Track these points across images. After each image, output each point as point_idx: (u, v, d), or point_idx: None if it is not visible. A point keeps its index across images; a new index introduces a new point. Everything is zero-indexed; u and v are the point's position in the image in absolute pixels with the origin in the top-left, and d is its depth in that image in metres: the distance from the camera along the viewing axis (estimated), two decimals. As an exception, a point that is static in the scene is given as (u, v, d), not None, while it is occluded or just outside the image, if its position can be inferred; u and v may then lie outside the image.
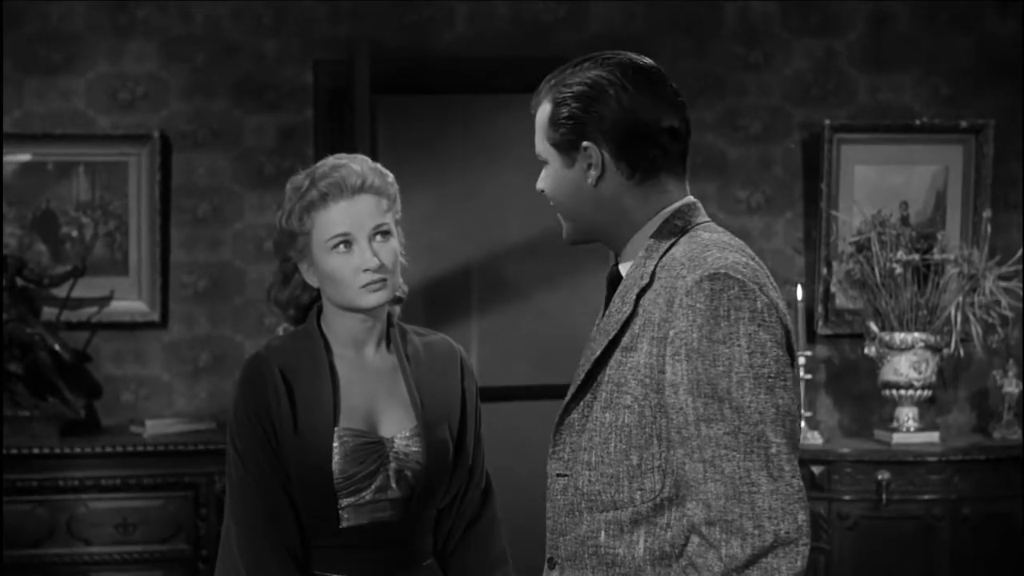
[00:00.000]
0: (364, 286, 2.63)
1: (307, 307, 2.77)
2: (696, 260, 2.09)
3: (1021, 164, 5.24)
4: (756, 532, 1.99)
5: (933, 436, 4.92)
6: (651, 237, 2.17)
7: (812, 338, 5.16)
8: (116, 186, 4.96)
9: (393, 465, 2.63)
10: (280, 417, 2.60)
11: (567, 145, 2.17)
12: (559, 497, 2.20)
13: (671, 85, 2.19)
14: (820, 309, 5.16)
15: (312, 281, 2.69)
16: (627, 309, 2.14)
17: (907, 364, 4.87)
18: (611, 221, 2.19)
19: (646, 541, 2.10)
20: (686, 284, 2.07)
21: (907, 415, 4.93)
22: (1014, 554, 4.72)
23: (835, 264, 5.11)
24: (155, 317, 4.98)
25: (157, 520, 4.51)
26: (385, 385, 2.68)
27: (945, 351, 4.91)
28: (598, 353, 2.16)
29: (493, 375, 6.38)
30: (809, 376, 5.01)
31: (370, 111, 4.47)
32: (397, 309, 2.82)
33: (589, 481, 2.15)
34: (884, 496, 4.71)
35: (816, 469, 4.77)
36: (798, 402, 2.14)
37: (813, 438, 4.91)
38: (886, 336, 4.91)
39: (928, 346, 4.89)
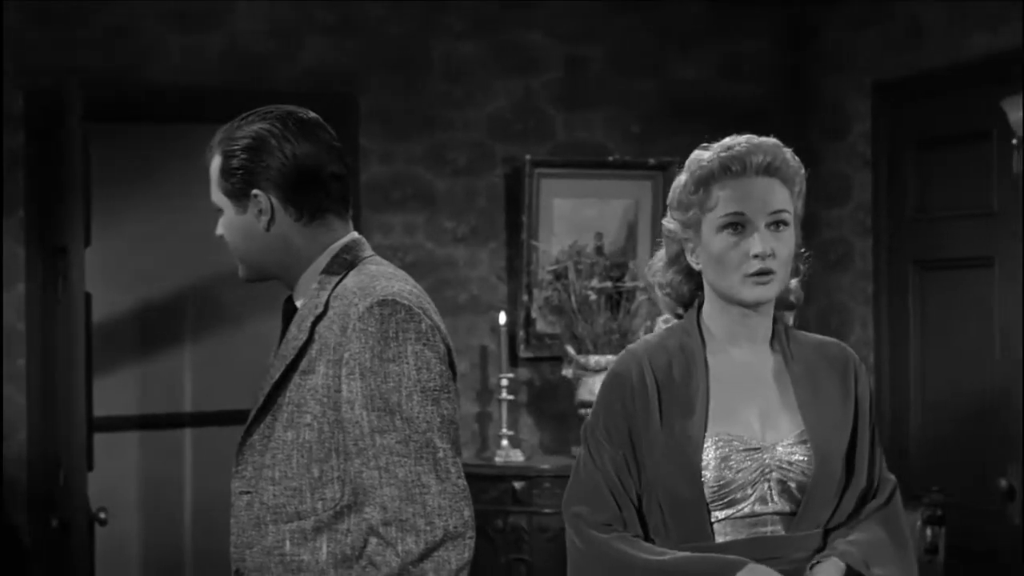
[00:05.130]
0: (751, 275, 2.36)
1: (689, 297, 2.49)
2: (366, 289, 2.31)
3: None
4: (428, 528, 2.22)
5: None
6: (323, 271, 2.38)
7: (514, 361, 5.37)
8: None
9: (775, 475, 2.37)
10: (644, 416, 2.37)
11: (238, 193, 2.37)
12: (243, 513, 2.37)
13: (330, 133, 2.41)
14: (522, 334, 5.38)
15: (695, 264, 2.43)
16: (303, 336, 2.34)
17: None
18: (283, 260, 2.40)
19: (328, 546, 2.30)
20: (358, 310, 2.28)
21: (601, 432, 5.22)
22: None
23: (536, 291, 5.35)
24: None
25: None
26: (766, 386, 2.43)
27: (636, 372, 5.22)
28: (277, 377, 2.35)
29: (207, 400, 6.43)
30: (511, 397, 5.22)
31: (83, 140, 4.49)
32: (790, 317, 2.52)
33: (274, 495, 2.33)
34: (580, 508, 4.97)
35: (518, 485, 4.98)
36: (459, 412, 2.36)
37: (515, 456, 5.12)
38: (582, 359, 5.15)
39: (620, 368, 5.19)
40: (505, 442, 5.16)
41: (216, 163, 2.40)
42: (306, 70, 5.25)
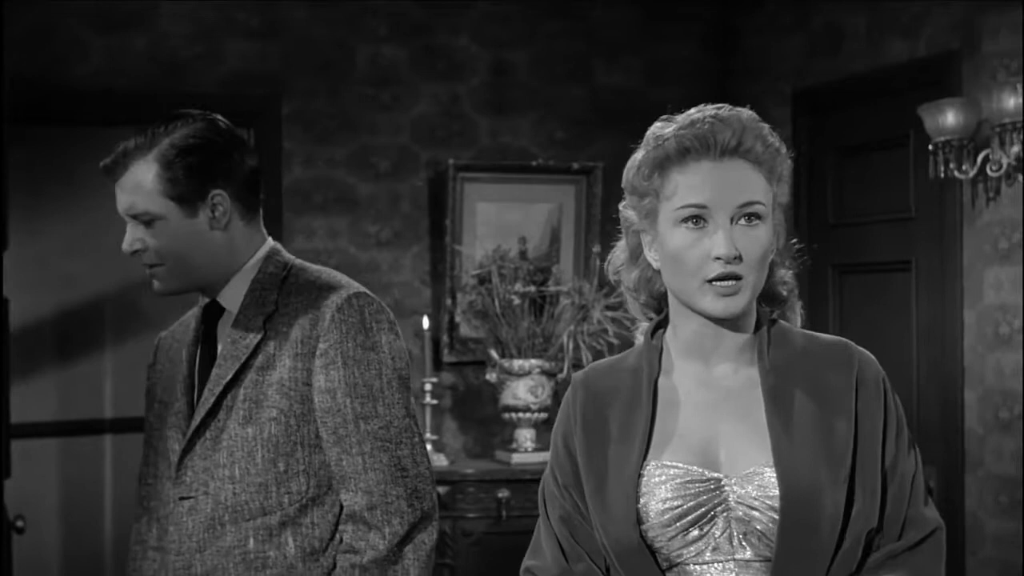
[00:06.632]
0: (712, 281, 1.89)
1: (663, 301, 2.04)
2: (332, 284, 2.37)
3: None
4: (410, 510, 2.30)
5: (549, 455, 5.22)
6: (259, 272, 2.40)
7: (438, 365, 5.38)
8: None
9: (737, 513, 1.88)
10: (583, 448, 1.99)
11: (192, 196, 2.34)
12: (186, 519, 2.35)
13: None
14: (446, 338, 5.39)
15: (653, 261, 1.98)
16: (255, 334, 2.34)
17: (525, 389, 5.16)
18: (222, 262, 2.39)
19: (295, 540, 2.32)
20: (335, 303, 2.33)
21: (525, 436, 5.22)
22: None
23: (459, 295, 5.35)
24: None
25: None
26: (732, 408, 1.94)
27: (559, 376, 5.21)
28: (229, 377, 2.34)
29: (127, 406, 6.36)
30: (435, 401, 5.22)
31: (6, 141, 4.42)
32: (796, 317, 2.05)
33: (234, 493, 2.33)
34: (504, 513, 4.97)
35: (442, 489, 4.97)
36: None
37: (439, 460, 5.12)
38: (506, 363, 5.17)
39: (544, 371, 5.20)
40: (429, 447, 5.15)
41: (147, 170, 2.33)
42: (229, 72, 5.22)
